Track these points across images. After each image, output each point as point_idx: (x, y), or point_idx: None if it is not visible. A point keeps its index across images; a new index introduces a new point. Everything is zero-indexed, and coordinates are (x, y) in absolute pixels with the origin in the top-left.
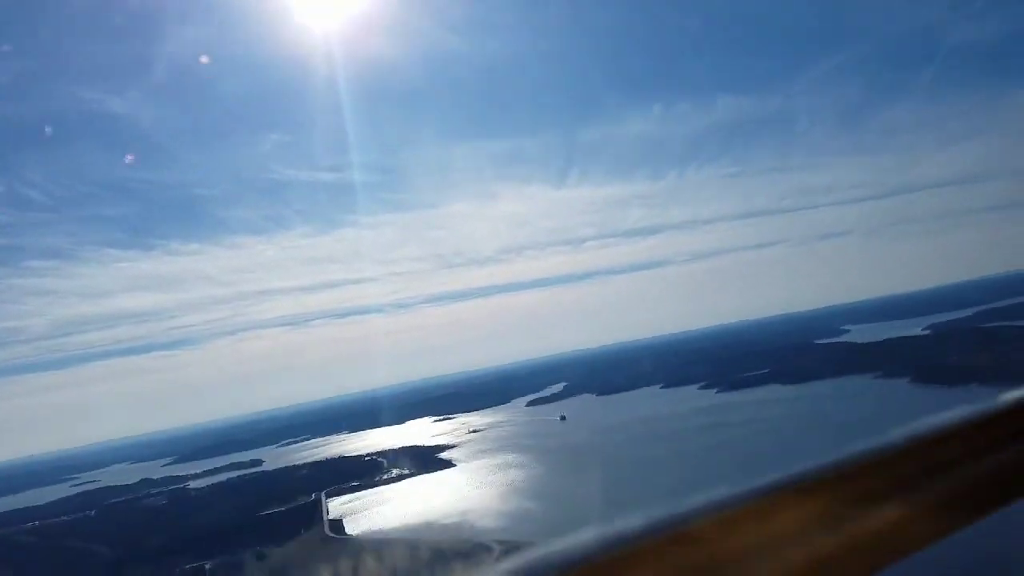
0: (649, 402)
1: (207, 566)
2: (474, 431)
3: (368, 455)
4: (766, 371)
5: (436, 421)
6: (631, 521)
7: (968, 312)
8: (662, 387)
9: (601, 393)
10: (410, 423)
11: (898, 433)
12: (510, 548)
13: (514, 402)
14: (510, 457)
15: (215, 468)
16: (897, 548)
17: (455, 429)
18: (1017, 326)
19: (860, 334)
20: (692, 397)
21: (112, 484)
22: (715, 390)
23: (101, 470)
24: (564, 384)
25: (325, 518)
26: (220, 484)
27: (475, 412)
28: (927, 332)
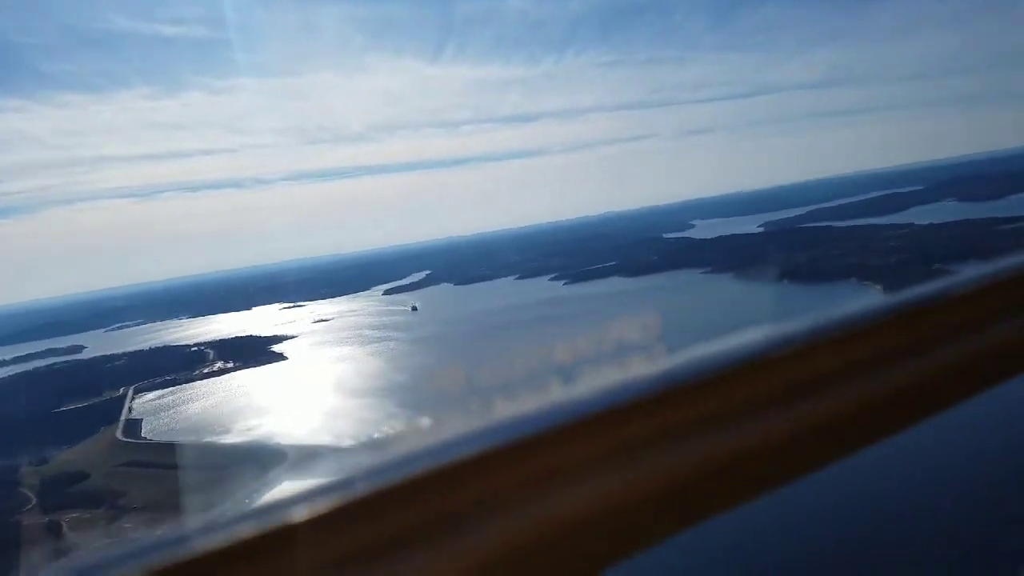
0: (502, 293)
1: None
2: (320, 320)
3: (196, 345)
4: (613, 263)
5: (285, 308)
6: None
7: (801, 211)
8: (517, 278)
9: (460, 283)
10: (258, 309)
11: (887, 302)
12: (307, 453)
13: (372, 290)
14: (348, 350)
15: (28, 354)
16: (891, 423)
17: (302, 317)
18: (836, 226)
19: (703, 230)
20: (541, 288)
21: None
22: (563, 282)
23: None
24: (427, 272)
25: (123, 417)
26: (26, 373)
27: (329, 299)
28: (760, 229)
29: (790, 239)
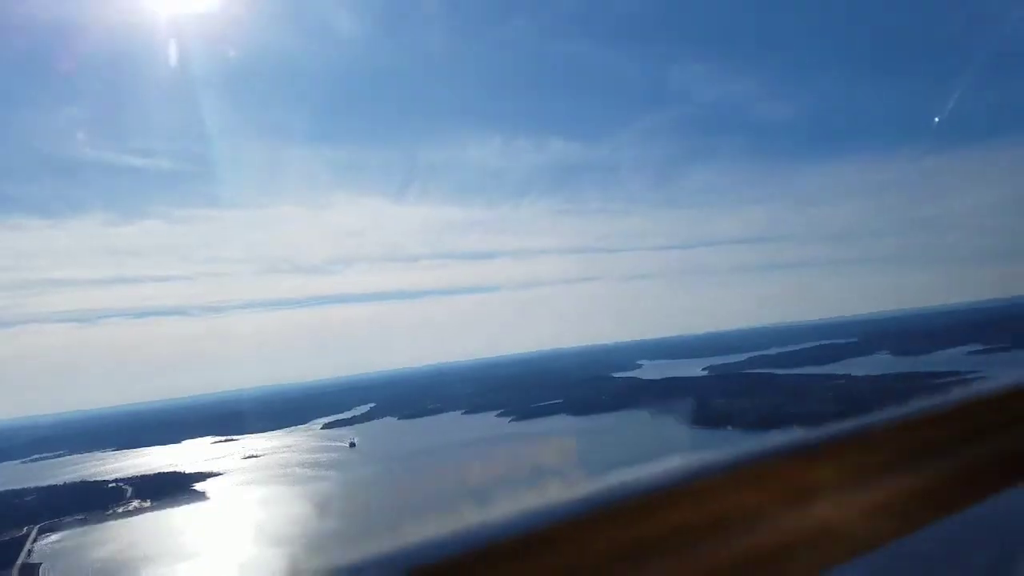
0: (447, 428)
1: None
2: (250, 456)
3: (114, 481)
4: (560, 401)
5: (217, 442)
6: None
7: (742, 357)
8: (464, 413)
9: (404, 417)
10: (188, 442)
11: (886, 414)
12: None
13: (311, 423)
14: (274, 490)
15: None
16: (884, 532)
17: (232, 453)
18: (776, 374)
19: (650, 371)
20: (487, 425)
21: None
22: (509, 419)
23: None
24: (372, 405)
25: (19, 560)
26: None
27: (266, 432)
28: (704, 373)
29: (734, 384)
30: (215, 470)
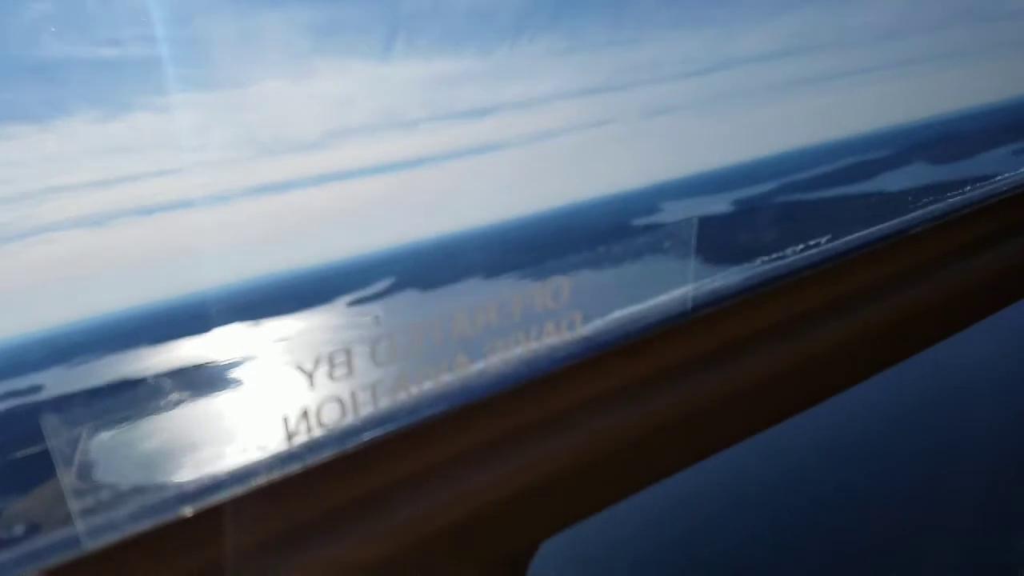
0: (473, 294)
1: None
2: (279, 340)
3: (153, 376)
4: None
5: (247, 327)
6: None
7: (772, 185)
8: (484, 278)
9: (427, 288)
10: (217, 331)
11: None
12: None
13: (334, 303)
14: (300, 362)
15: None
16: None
17: (262, 337)
18: (808, 199)
19: (670, 214)
20: (507, 286)
21: None
22: (532, 280)
23: None
24: (391, 280)
25: (76, 459)
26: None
27: (290, 315)
28: (731, 208)
29: (760, 214)
30: (245, 357)
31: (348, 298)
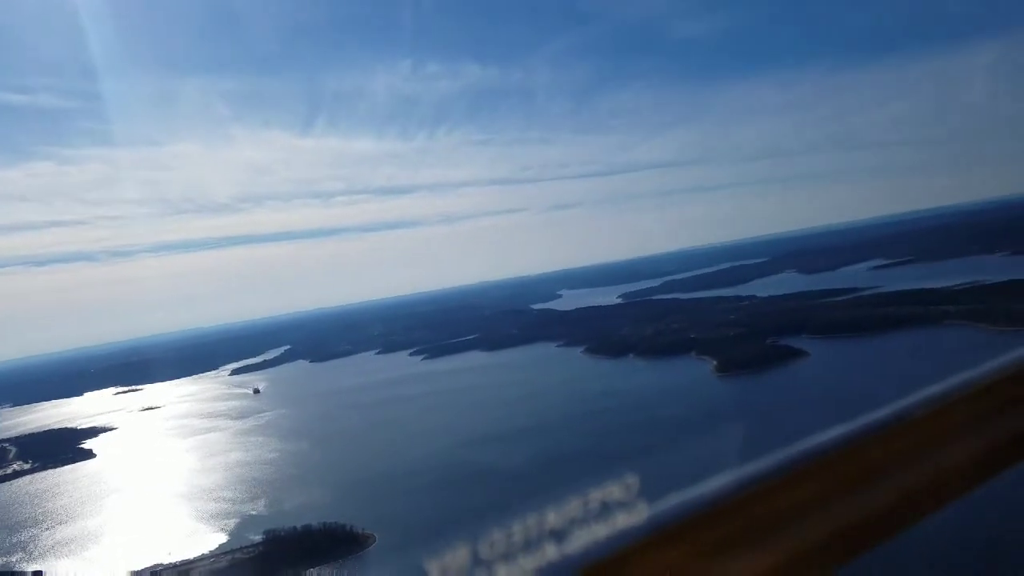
0: (358, 370)
1: None
2: (150, 408)
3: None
4: (475, 337)
5: (119, 393)
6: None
7: (656, 282)
8: (378, 352)
9: (317, 360)
10: (90, 395)
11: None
12: None
13: (221, 369)
14: (166, 444)
15: None
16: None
17: (132, 405)
18: (682, 299)
19: (568, 300)
20: (400, 364)
21: None
22: (422, 357)
23: None
24: (286, 348)
25: None
26: None
27: (173, 380)
28: (619, 300)
29: (643, 310)
30: (109, 424)
31: (235, 364)
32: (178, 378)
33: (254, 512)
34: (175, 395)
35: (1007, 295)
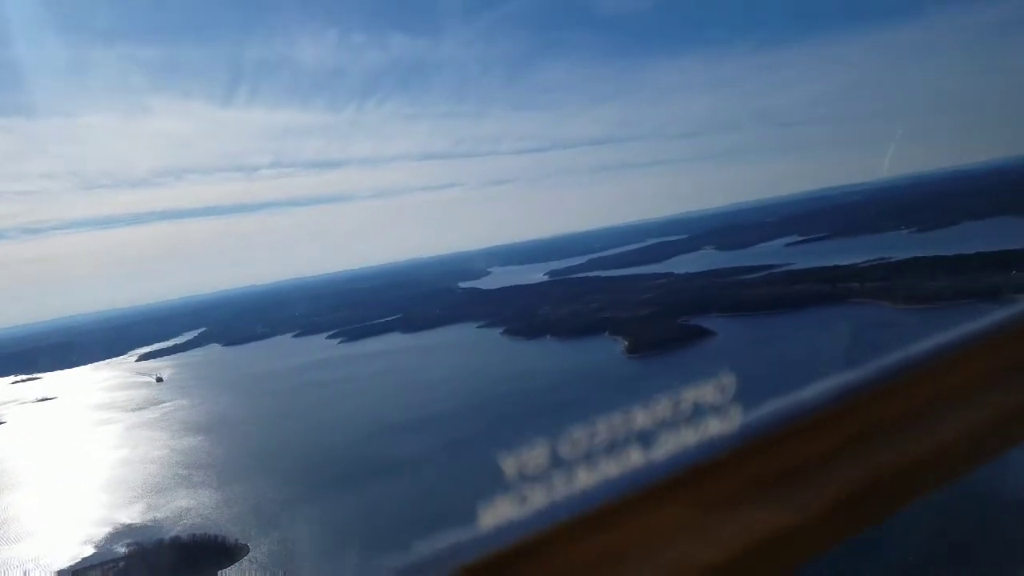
0: (271, 354)
1: None
2: (43, 399)
3: None
4: (395, 317)
5: (17, 382)
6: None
7: (582, 259)
8: (295, 335)
9: (230, 343)
10: None
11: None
12: None
13: (129, 354)
14: (50, 441)
15: None
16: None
17: (28, 396)
18: (603, 276)
19: (496, 279)
20: (315, 348)
21: None
22: (339, 340)
23: None
24: (200, 331)
25: None
26: None
27: (77, 368)
28: (544, 278)
29: (565, 289)
30: None
31: (145, 349)
32: (83, 364)
33: (125, 520)
34: (75, 384)
35: (910, 272)
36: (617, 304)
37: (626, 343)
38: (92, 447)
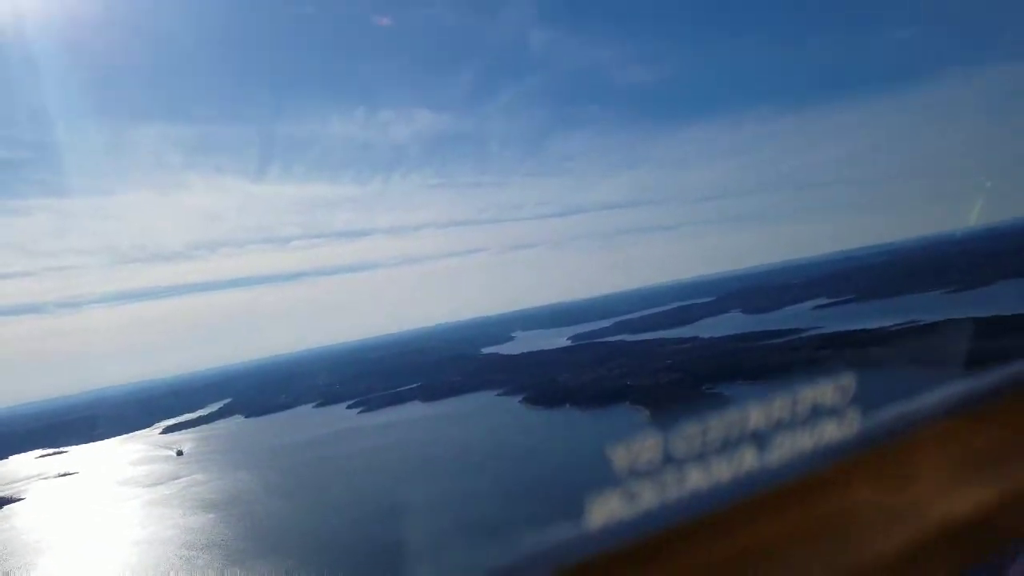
0: (290, 426)
1: None
2: (65, 474)
3: None
4: (416, 385)
5: (43, 456)
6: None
7: (607, 323)
8: (316, 406)
9: (252, 414)
10: (14, 458)
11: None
12: None
13: (155, 427)
14: (64, 521)
15: None
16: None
17: (51, 470)
18: (627, 341)
19: (519, 344)
20: (334, 419)
21: None
22: (359, 410)
23: None
24: (226, 402)
25: None
26: None
27: (102, 441)
28: (568, 343)
29: (588, 354)
30: (15, 495)
31: (170, 421)
32: (109, 437)
33: None
34: (98, 458)
35: (939, 335)
36: (640, 370)
37: (647, 413)
38: (102, 526)
